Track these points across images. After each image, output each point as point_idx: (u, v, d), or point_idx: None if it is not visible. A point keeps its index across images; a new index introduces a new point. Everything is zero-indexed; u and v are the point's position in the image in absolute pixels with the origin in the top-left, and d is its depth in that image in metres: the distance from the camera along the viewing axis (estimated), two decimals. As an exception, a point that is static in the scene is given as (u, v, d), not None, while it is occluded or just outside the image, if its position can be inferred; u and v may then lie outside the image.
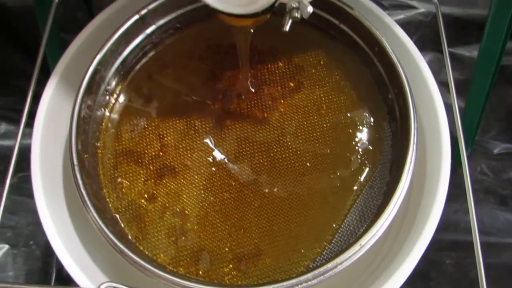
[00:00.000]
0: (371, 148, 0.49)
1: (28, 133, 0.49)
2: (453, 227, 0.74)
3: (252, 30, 0.45)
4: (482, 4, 0.84)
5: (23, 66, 0.81)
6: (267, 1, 0.39)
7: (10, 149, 0.46)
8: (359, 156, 0.48)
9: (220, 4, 0.40)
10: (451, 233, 0.74)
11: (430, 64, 0.83)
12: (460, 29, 0.85)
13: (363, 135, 0.49)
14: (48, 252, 0.72)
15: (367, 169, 0.48)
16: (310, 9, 0.38)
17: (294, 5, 0.38)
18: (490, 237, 0.71)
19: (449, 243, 0.73)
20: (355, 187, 0.47)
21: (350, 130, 0.49)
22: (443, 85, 0.52)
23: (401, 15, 0.85)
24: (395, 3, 0.85)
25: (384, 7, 0.83)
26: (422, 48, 0.84)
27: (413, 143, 0.44)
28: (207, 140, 0.49)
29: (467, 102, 0.74)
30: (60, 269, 0.70)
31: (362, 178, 0.47)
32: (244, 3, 0.39)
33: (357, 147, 0.49)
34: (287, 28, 0.38)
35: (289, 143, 0.49)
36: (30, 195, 0.46)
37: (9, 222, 0.74)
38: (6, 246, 0.72)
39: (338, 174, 0.47)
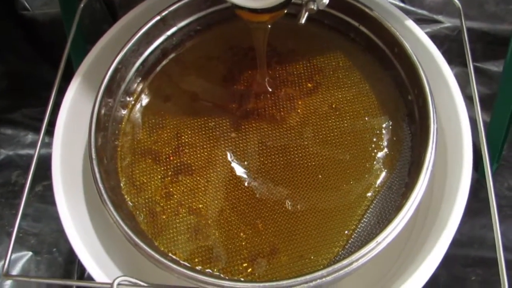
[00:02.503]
0: (389, 149, 0.48)
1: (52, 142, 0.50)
2: (479, 243, 0.72)
3: (269, 27, 0.46)
4: (510, 20, 0.83)
5: (51, 78, 0.82)
6: (283, -5, 0.39)
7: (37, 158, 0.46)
8: (377, 158, 0.47)
9: (237, -1, 0.40)
10: (477, 249, 0.72)
11: (456, 78, 0.82)
12: (488, 44, 0.84)
13: (382, 137, 0.48)
14: (70, 259, 0.72)
15: (385, 170, 0.47)
16: (326, 0, 0.38)
17: (310, -2, 0.38)
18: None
19: (475, 259, 0.70)
20: (372, 189, 0.46)
21: (369, 131, 0.49)
22: (469, 99, 0.50)
23: (427, 29, 0.84)
24: (421, 17, 0.85)
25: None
26: (448, 62, 0.83)
27: (432, 142, 0.43)
28: (223, 139, 0.49)
29: (492, 116, 0.73)
30: (82, 275, 0.70)
31: (380, 179, 0.47)
32: (261, -2, 0.40)
33: (375, 149, 0.48)
34: (303, 20, 0.39)
35: (307, 144, 0.48)
36: (54, 203, 0.47)
37: (33, 229, 0.74)
38: (30, 253, 0.73)
39: (357, 174, 0.47)
